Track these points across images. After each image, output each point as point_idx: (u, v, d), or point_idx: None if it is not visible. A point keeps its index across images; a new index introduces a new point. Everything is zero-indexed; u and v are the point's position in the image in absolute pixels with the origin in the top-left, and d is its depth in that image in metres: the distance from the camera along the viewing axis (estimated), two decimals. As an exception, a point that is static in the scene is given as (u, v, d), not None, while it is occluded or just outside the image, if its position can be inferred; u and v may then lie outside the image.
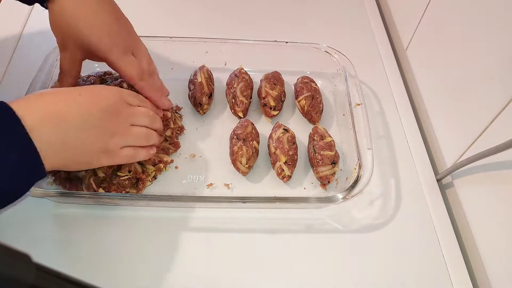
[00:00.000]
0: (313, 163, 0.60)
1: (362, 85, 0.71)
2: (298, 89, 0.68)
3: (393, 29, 0.85)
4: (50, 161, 0.40)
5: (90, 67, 0.64)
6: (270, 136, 0.62)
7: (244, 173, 0.59)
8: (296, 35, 0.77)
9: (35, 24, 0.78)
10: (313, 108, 0.66)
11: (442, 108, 0.66)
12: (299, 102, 0.67)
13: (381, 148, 0.66)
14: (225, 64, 0.72)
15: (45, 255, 0.51)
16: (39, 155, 0.39)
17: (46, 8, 0.49)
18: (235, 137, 0.60)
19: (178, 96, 0.68)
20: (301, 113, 0.68)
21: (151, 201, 0.55)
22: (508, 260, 0.50)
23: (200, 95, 0.65)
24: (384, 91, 0.74)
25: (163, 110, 0.59)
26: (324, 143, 0.60)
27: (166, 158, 0.59)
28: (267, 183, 0.60)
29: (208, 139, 0.64)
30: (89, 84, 0.60)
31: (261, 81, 0.68)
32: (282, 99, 0.67)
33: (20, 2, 0.52)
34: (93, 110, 0.44)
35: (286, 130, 0.61)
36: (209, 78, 0.67)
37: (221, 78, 0.71)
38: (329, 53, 0.70)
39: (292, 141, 0.60)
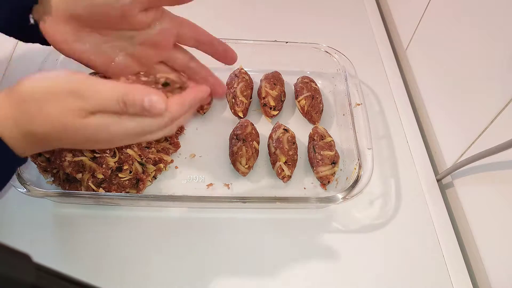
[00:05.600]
0: (313, 163, 0.60)
1: (362, 85, 0.71)
2: (298, 89, 0.68)
3: (393, 29, 0.85)
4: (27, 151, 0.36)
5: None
6: (270, 136, 0.62)
7: (244, 174, 0.59)
8: (296, 35, 0.77)
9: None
10: (313, 108, 0.66)
11: (442, 108, 0.66)
12: (299, 102, 0.67)
13: (381, 148, 0.66)
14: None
15: (45, 255, 0.51)
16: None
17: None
18: (235, 137, 0.60)
19: (178, 96, 0.68)
20: (301, 113, 0.68)
21: (151, 201, 0.55)
22: (508, 260, 0.50)
23: (200, 95, 0.65)
24: (384, 91, 0.74)
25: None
26: (324, 143, 0.60)
27: (166, 158, 0.59)
28: (267, 183, 0.60)
29: (208, 139, 0.64)
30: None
31: (261, 81, 0.68)
32: (282, 99, 0.67)
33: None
34: None
35: (286, 130, 0.61)
36: (209, 78, 0.67)
37: (221, 78, 0.71)
38: (329, 53, 0.70)
39: (292, 141, 0.60)
